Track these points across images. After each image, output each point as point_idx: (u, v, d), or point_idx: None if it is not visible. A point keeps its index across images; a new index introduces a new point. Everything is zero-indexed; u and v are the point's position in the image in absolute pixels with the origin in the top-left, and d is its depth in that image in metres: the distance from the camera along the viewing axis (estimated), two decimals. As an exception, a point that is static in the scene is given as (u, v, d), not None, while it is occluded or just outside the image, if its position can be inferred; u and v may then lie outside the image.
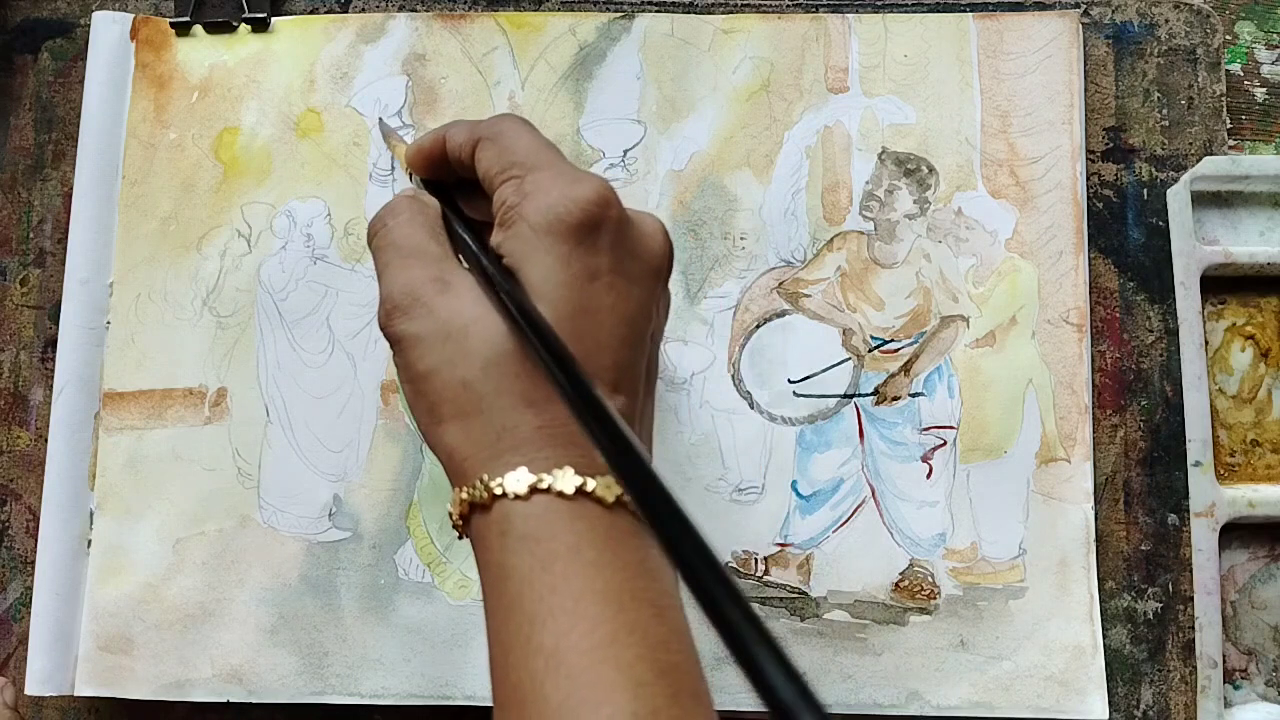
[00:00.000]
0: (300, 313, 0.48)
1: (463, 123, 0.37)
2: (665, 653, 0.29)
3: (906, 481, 0.46)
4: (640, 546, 0.31)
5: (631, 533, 0.31)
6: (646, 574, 0.31)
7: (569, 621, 0.29)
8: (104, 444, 0.47)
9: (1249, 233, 0.47)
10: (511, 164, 0.34)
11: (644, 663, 0.29)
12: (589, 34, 0.49)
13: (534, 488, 0.31)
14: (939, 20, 0.48)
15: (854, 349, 0.47)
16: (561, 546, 0.30)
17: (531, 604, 0.30)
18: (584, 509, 0.31)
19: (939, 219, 0.47)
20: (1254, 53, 0.50)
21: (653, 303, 0.34)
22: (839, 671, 0.44)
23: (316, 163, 0.48)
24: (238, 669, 0.45)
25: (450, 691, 0.45)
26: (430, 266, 0.34)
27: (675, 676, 0.29)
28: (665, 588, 0.31)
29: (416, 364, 0.33)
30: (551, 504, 0.31)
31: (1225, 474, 0.46)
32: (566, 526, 0.30)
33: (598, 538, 0.30)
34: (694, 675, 0.30)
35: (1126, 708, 0.44)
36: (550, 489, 0.31)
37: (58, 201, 0.50)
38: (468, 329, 0.32)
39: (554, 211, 0.32)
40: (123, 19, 0.50)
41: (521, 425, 0.32)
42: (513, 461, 0.31)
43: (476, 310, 0.33)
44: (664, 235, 0.35)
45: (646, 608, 0.30)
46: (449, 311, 0.33)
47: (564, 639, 0.29)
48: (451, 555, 0.46)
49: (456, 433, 0.32)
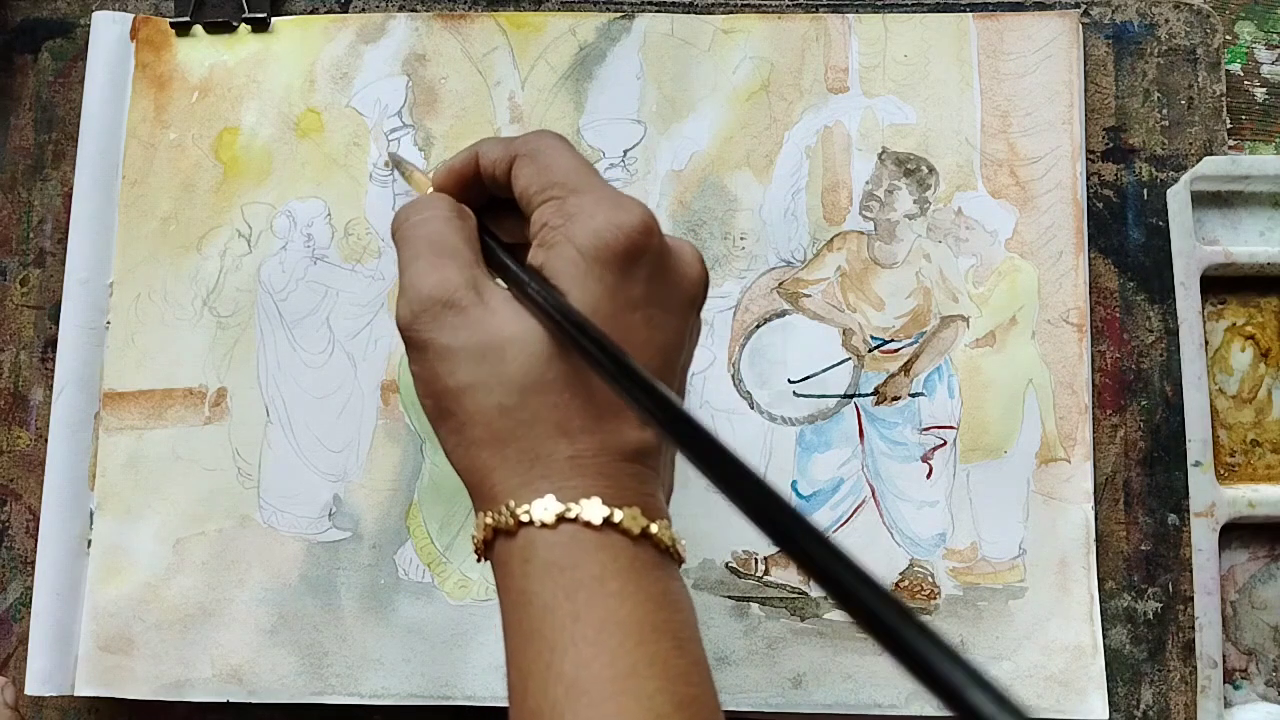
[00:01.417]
0: (300, 313, 0.48)
1: (496, 140, 0.36)
2: (685, 685, 0.29)
3: (906, 481, 0.45)
4: (663, 578, 0.31)
5: (655, 565, 0.31)
6: (669, 606, 0.31)
7: (591, 651, 0.29)
8: (104, 444, 0.47)
9: (1249, 233, 0.47)
10: (552, 183, 0.33)
11: (664, 695, 0.29)
12: (589, 34, 0.49)
13: (561, 517, 0.31)
14: (939, 20, 0.48)
15: (854, 349, 0.47)
16: (586, 576, 0.30)
17: (553, 632, 0.30)
18: (609, 540, 0.31)
19: (939, 219, 0.47)
20: (1254, 53, 0.50)
21: (685, 331, 0.34)
22: (839, 671, 0.44)
23: (316, 163, 0.48)
24: (238, 669, 0.45)
25: (450, 691, 0.45)
26: (465, 271, 0.33)
27: (694, 709, 0.29)
28: (686, 619, 0.31)
29: (445, 378, 0.32)
30: (578, 534, 0.31)
31: (1225, 474, 0.46)
32: (592, 557, 0.30)
33: (622, 569, 0.30)
34: (712, 708, 0.30)
35: (1126, 708, 0.44)
36: (578, 518, 0.31)
37: (58, 201, 0.50)
38: (505, 349, 0.31)
39: (601, 237, 0.32)
40: (123, 19, 0.50)
41: (555, 454, 0.31)
42: (541, 489, 0.31)
43: (515, 328, 0.32)
44: (700, 264, 0.34)
45: (667, 640, 0.30)
46: (487, 326, 0.32)
47: (585, 669, 0.29)
48: (451, 555, 0.46)
49: (489, 457, 0.32)
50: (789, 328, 0.47)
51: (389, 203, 0.48)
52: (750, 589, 0.45)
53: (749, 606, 0.45)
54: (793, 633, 0.45)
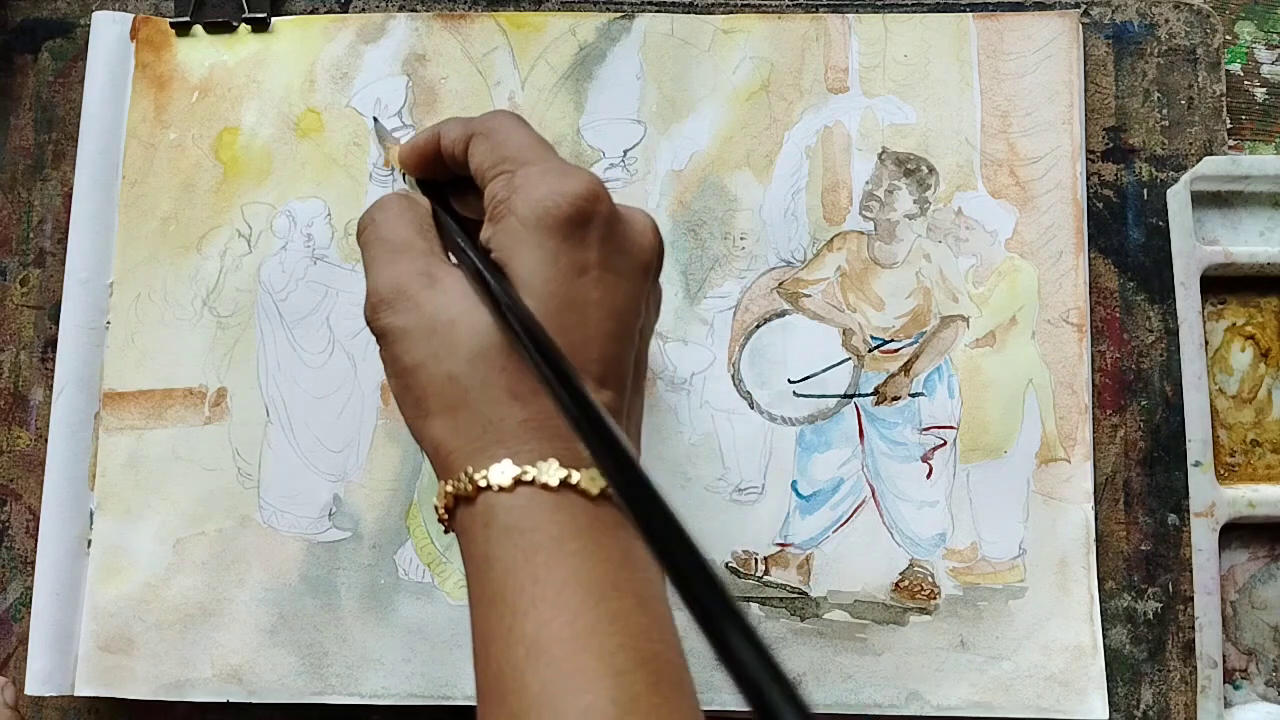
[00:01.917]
0: (300, 313, 0.48)
1: (457, 120, 0.37)
2: (647, 642, 0.29)
3: (906, 481, 0.46)
4: (625, 538, 0.31)
5: (616, 525, 0.31)
6: (630, 565, 0.31)
7: (551, 611, 0.29)
8: (104, 444, 0.47)
9: (1249, 233, 0.47)
10: (503, 159, 0.34)
11: (625, 651, 0.29)
12: (589, 34, 0.49)
13: (518, 480, 0.31)
14: (939, 20, 0.48)
15: (854, 349, 0.47)
16: (544, 538, 0.30)
17: (514, 594, 0.30)
18: (568, 501, 0.31)
19: (939, 219, 0.47)
20: (1254, 53, 0.50)
21: (641, 297, 0.34)
22: (839, 672, 0.44)
23: (316, 163, 0.48)
24: (238, 669, 0.45)
25: (450, 691, 0.45)
26: (417, 261, 0.34)
27: (656, 665, 0.29)
28: (650, 578, 0.31)
29: (403, 358, 0.33)
30: (535, 496, 0.31)
31: (1225, 474, 0.46)
32: (550, 518, 0.31)
33: (581, 529, 0.31)
34: (676, 665, 0.30)
35: (1126, 708, 0.44)
36: (534, 481, 0.31)
37: (58, 201, 0.50)
38: (454, 323, 0.32)
39: (542, 205, 0.32)
40: (123, 19, 0.50)
41: (507, 418, 0.32)
42: (497, 454, 0.31)
43: (463, 304, 0.33)
44: (654, 231, 0.35)
45: (629, 598, 0.30)
46: (435, 306, 0.33)
47: (545, 628, 0.29)
48: (451, 555, 0.46)
49: (442, 426, 0.32)
50: (789, 328, 0.47)
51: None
52: (750, 589, 0.45)
53: (749, 606, 0.45)
54: (793, 633, 0.45)
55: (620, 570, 0.30)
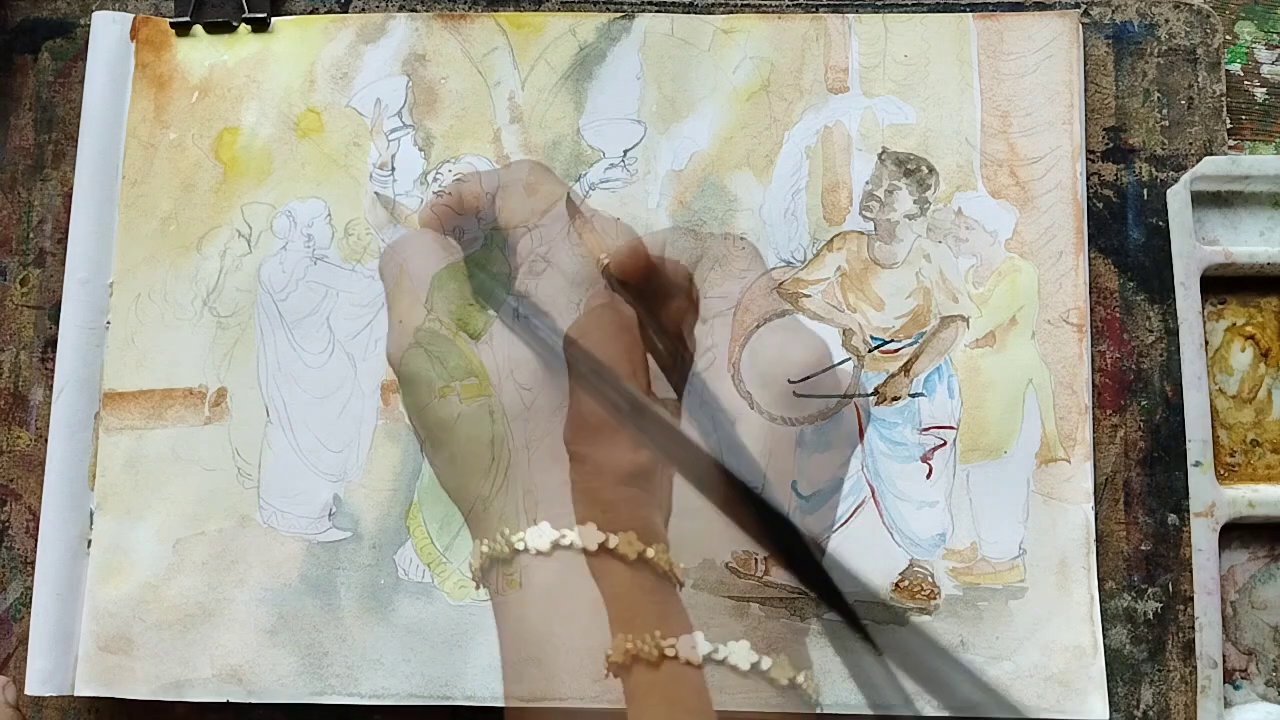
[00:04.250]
0: (300, 313, 0.48)
1: (477, 174, 0.36)
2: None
3: (906, 481, 0.45)
4: (663, 601, 0.31)
5: (654, 589, 0.31)
6: (669, 630, 0.31)
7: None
8: (104, 444, 0.47)
9: (1249, 233, 0.47)
10: (534, 212, 0.34)
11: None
12: (589, 34, 0.49)
13: (556, 544, 0.31)
14: (939, 20, 0.48)
15: (854, 349, 0.47)
16: (582, 604, 0.30)
17: (551, 659, 0.30)
18: (606, 565, 0.31)
19: (939, 219, 0.47)
20: (1254, 53, 0.50)
21: (682, 342, 0.35)
22: (839, 671, 0.44)
23: (316, 163, 0.48)
24: (237, 669, 0.45)
25: (450, 691, 0.45)
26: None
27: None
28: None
29: (438, 410, 0.33)
30: (573, 560, 0.31)
31: (1225, 474, 0.46)
32: (587, 583, 0.30)
33: (619, 595, 0.30)
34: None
35: (1126, 708, 0.44)
36: (572, 545, 0.31)
37: (58, 201, 0.50)
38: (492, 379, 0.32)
39: (584, 263, 0.33)
40: (123, 19, 0.50)
41: (548, 482, 0.32)
42: (536, 516, 0.31)
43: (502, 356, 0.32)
44: (689, 284, 0.36)
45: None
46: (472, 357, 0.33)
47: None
48: (451, 555, 0.46)
49: (482, 485, 0.32)
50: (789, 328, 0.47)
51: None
52: (750, 589, 0.45)
53: (749, 606, 0.45)
54: (793, 633, 0.45)
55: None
